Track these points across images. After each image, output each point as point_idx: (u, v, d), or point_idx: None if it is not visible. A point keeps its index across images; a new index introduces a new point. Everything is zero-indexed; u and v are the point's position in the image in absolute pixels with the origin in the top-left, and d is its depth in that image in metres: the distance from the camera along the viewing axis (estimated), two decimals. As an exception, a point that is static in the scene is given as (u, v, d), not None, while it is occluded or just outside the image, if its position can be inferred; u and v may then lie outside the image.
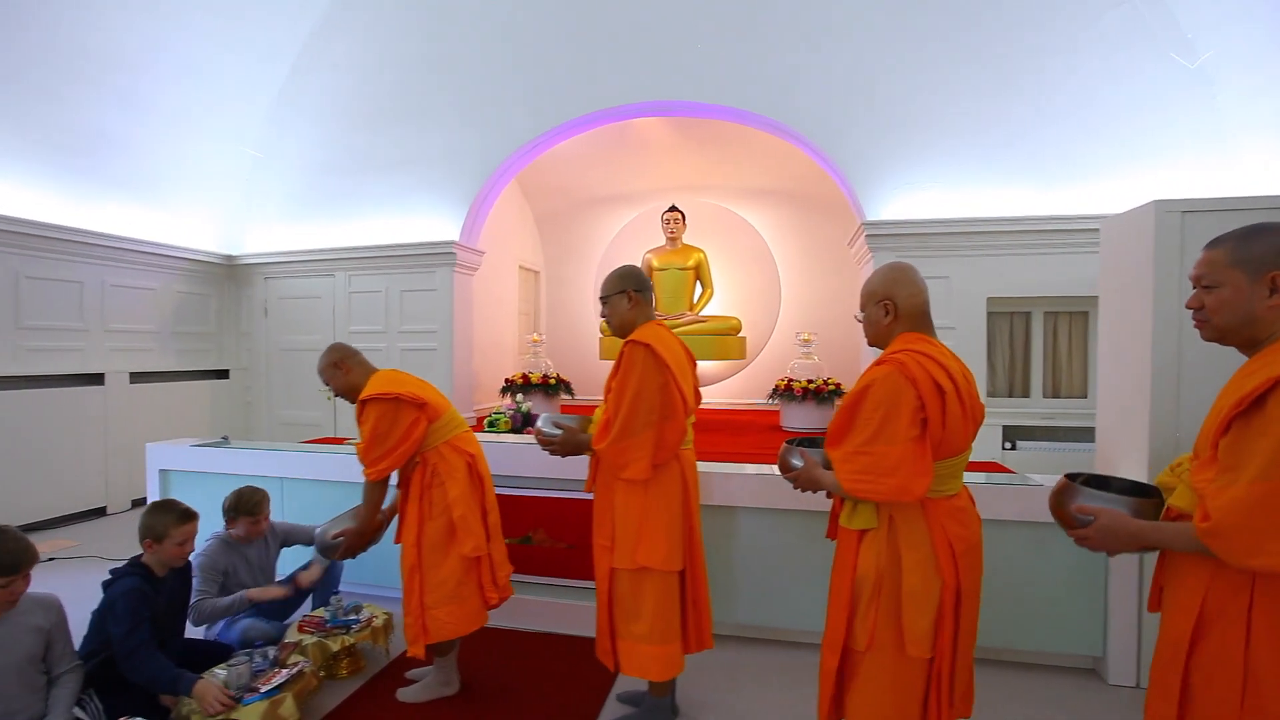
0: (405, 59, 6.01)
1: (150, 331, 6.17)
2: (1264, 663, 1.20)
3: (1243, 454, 1.20)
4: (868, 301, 1.86)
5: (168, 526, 2.37)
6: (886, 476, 1.61)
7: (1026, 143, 5.00)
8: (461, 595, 2.44)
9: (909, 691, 1.66)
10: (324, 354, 2.65)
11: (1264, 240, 1.29)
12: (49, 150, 5.14)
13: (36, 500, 4.99)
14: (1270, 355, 1.25)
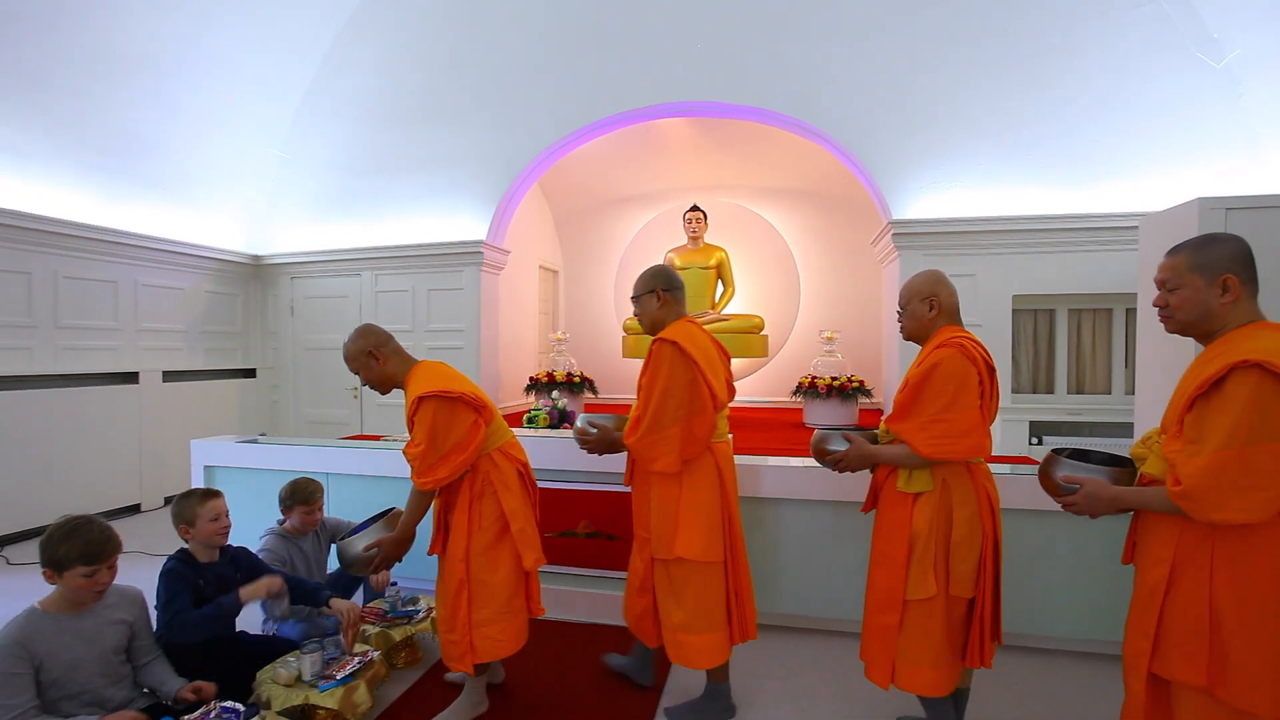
0: (432, 60, 6.07)
1: (180, 331, 6.25)
2: (1224, 601, 1.44)
3: (1206, 428, 1.44)
4: (913, 298, 2.16)
5: (194, 507, 2.43)
6: (962, 438, 1.93)
7: (1053, 142, 5.04)
8: (513, 609, 2.31)
9: (956, 630, 2.00)
10: (354, 338, 2.39)
11: (1217, 248, 1.54)
12: (83, 151, 5.22)
13: (73, 498, 5.05)
14: (1224, 344, 1.50)
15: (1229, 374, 1.41)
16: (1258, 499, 1.37)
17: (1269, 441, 1.37)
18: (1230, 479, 1.39)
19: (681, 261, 7.25)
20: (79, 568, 1.90)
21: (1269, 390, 1.38)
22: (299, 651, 2.35)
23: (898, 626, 2.00)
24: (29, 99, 4.72)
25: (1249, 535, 1.43)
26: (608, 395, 7.78)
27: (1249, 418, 1.38)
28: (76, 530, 1.92)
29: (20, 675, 1.80)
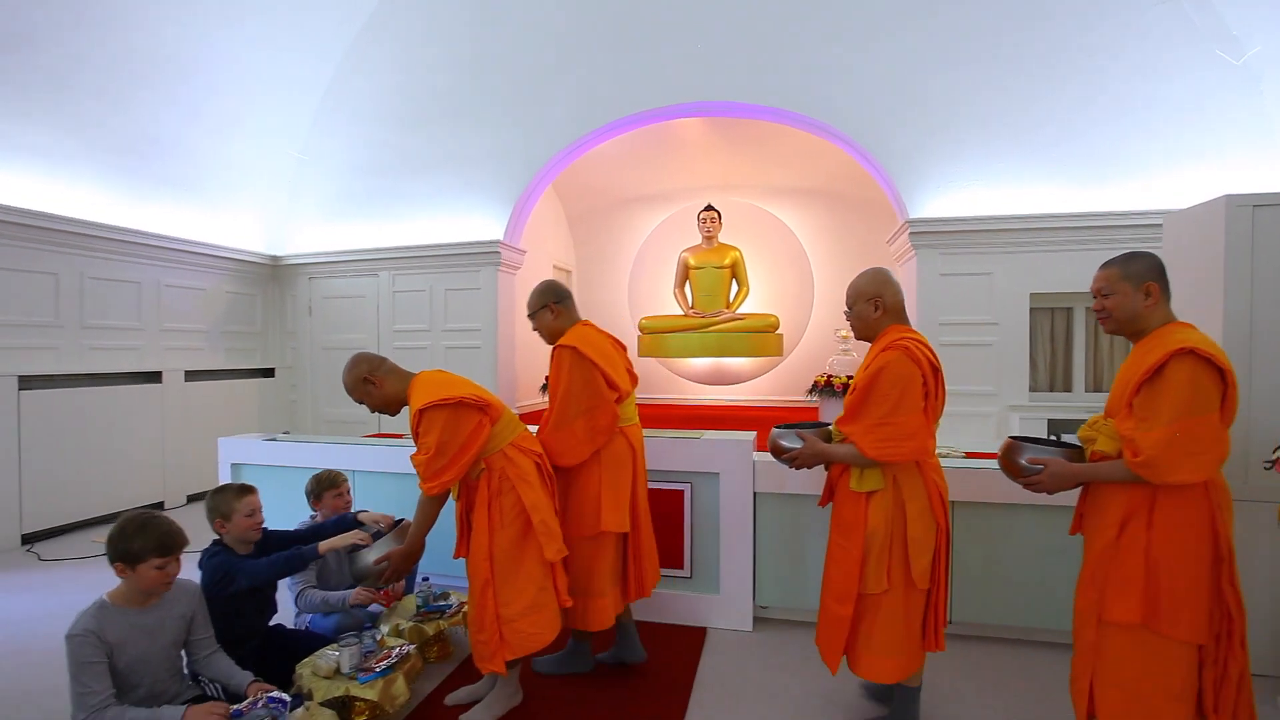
0: (450, 61, 6.11)
1: (201, 331, 6.32)
2: (1159, 551, 1.73)
3: (1154, 407, 1.71)
4: (858, 299, 2.25)
5: (230, 502, 2.47)
6: (907, 440, 2.05)
7: (1071, 140, 5.04)
8: (541, 602, 2.31)
9: (915, 618, 2.13)
10: (348, 369, 2.40)
11: (1140, 262, 1.86)
12: (108, 153, 5.29)
13: (99, 495, 5.12)
14: (1156, 339, 1.80)
15: (1168, 361, 1.69)
16: (1204, 460, 1.67)
17: (1206, 413, 1.68)
18: (1181, 446, 1.67)
19: (696, 261, 7.28)
20: (153, 560, 1.94)
21: (1201, 371, 1.68)
22: (337, 644, 2.39)
23: (850, 618, 2.13)
24: (55, 101, 4.79)
25: (1181, 495, 1.72)
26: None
27: (1189, 395, 1.68)
28: (148, 525, 1.96)
29: (98, 664, 1.84)
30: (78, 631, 1.85)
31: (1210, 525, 1.73)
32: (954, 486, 2.93)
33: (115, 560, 1.95)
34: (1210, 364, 1.69)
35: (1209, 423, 1.68)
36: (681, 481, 3.21)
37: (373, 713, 2.29)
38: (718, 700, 2.54)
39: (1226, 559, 1.73)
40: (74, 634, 1.85)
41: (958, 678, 2.67)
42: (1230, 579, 1.74)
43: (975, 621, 2.99)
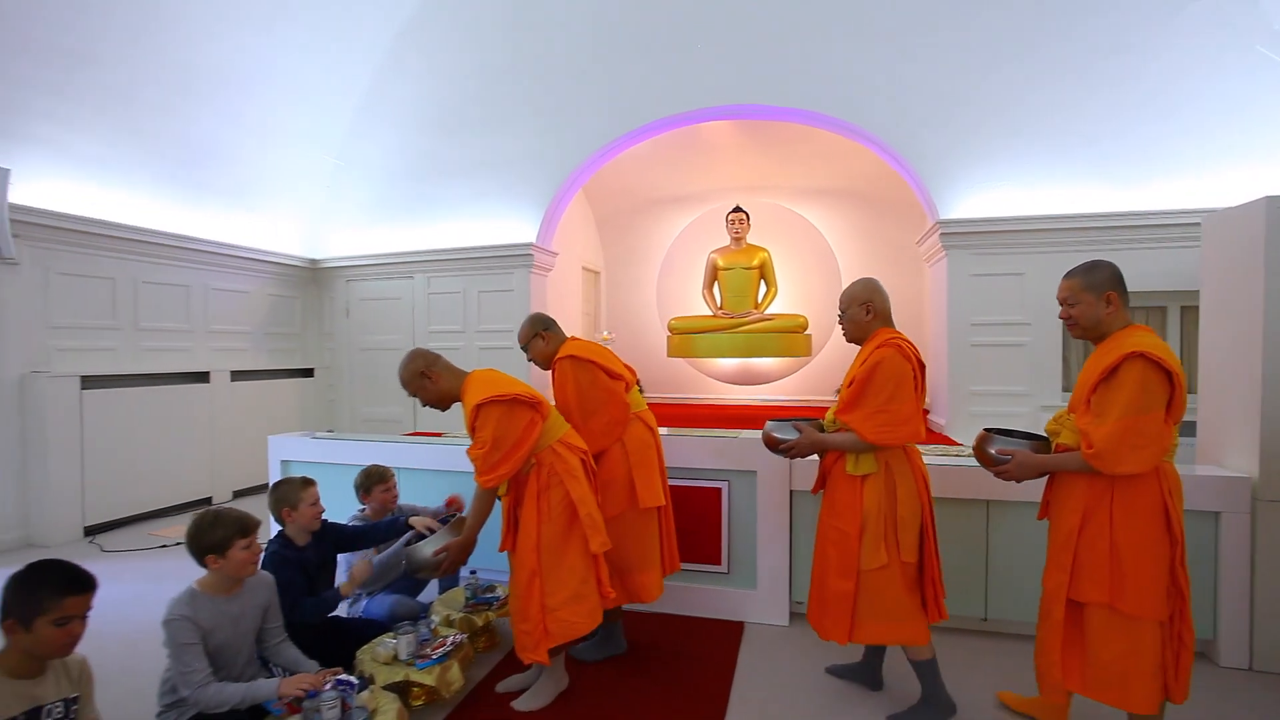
0: (483, 67, 6.24)
1: (246, 332, 6.54)
2: (1120, 535, 1.95)
3: (1107, 404, 1.92)
4: (851, 304, 2.46)
5: (297, 492, 2.60)
6: (903, 425, 2.25)
7: (1107, 140, 5.01)
8: (583, 593, 2.39)
9: (912, 589, 2.32)
10: (405, 364, 2.53)
11: (1100, 272, 2.06)
12: (161, 162, 5.50)
13: (152, 491, 5.35)
14: (1112, 343, 1.99)
15: (1122, 363, 1.89)
16: (1147, 454, 1.87)
17: (1152, 411, 1.87)
18: (1128, 440, 1.87)
19: (725, 262, 7.34)
20: (239, 541, 2.10)
21: (1149, 373, 1.87)
22: (394, 633, 2.51)
23: (853, 593, 2.31)
24: (116, 115, 5.01)
25: (1136, 484, 1.94)
26: (653, 394, 7.91)
27: (1138, 394, 1.87)
28: (221, 515, 2.11)
29: (195, 645, 1.99)
30: (175, 616, 1.99)
31: (1163, 511, 1.93)
32: (984, 487, 2.98)
33: (205, 554, 2.09)
34: (1159, 366, 1.87)
35: (1154, 420, 1.87)
36: (719, 480, 3.28)
37: (430, 697, 2.41)
38: (758, 691, 2.62)
39: (1179, 541, 1.93)
40: (171, 619, 1.99)
41: (994, 675, 2.71)
42: (1182, 560, 1.94)
43: (1010, 619, 3.03)
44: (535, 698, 2.47)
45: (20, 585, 1.67)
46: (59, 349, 4.87)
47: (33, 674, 1.68)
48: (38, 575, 1.69)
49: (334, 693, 2.01)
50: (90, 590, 1.73)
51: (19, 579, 1.68)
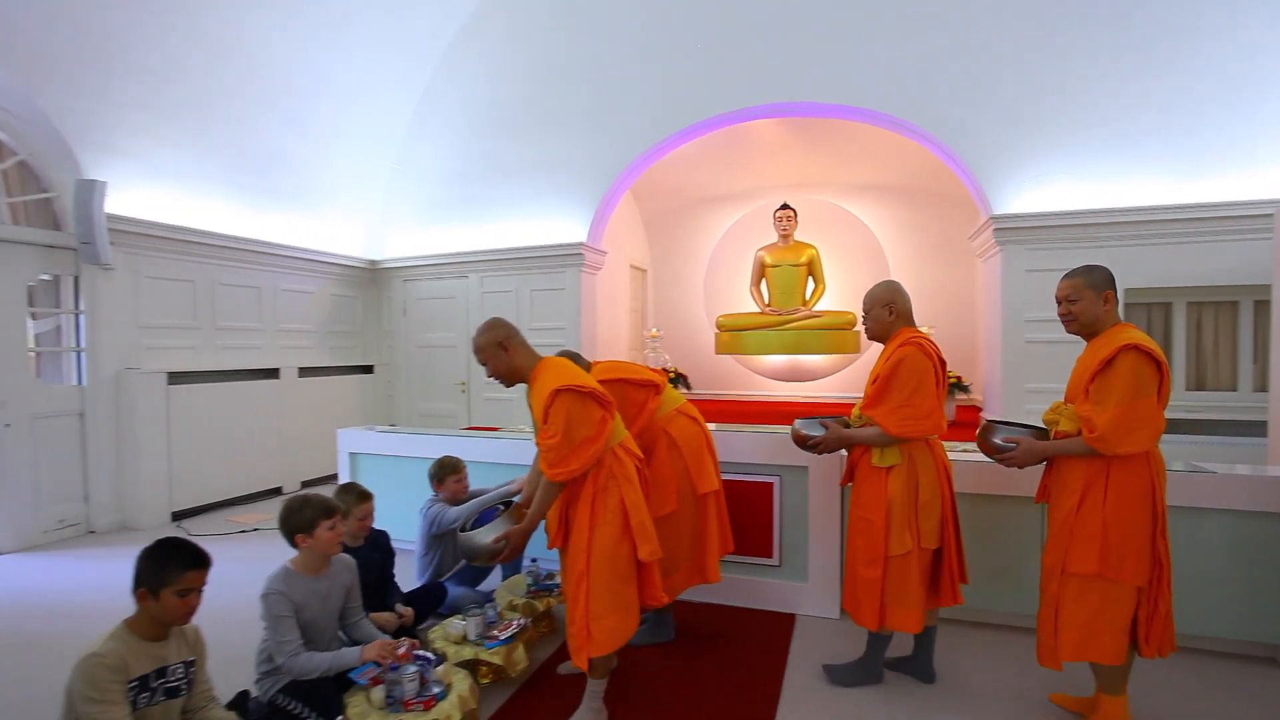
0: (536, 70, 6.42)
1: (311, 330, 6.87)
2: (1111, 513, 2.12)
3: (1106, 392, 2.10)
4: (874, 305, 2.58)
5: (350, 505, 2.71)
6: (924, 419, 2.39)
7: (1169, 129, 4.86)
8: (628, 599, 2.34)
9: (926, 576, 2.47)
10: (484, 330, 2.42)
11: (1098, 273, 2.25)
12: (235, 171, 5.84)
13: (228, 480, 5.70)
14: (1106, 338, 2.18)
15: (1117, 355, 2.08)
16: (1145, 434, 2.07)
17: (1146, 397, 2.07)
18: (1127, 424, 2.06)
19: (772, 259, 7.36)
20: (324, 522, 2.29)
21: (1142, 363, 2.07)
22: (463, 615, 2.67)
23: (881, 579, 2.44)
24: (194, 128, 5.34)
25: (1130, 466, 2.12)
26: (701, 390, 7.99)
27: (1133, 382, 2.06)
28: (308, 499, 2.31)
29: (289, 617, 2.19)
30: (271, 591, 2.19)
31: (1150, 489, 2.13)
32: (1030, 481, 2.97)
33: (295, 534, 2.29)
34: (1150, 357, 2.07)
35: (1149, 404, 2.07)
36: (771, 474, 3.36)
37: (496, 676, 2.56)
38: (810, 681, 2.69)
39: (1161, 516, 2.14)
40: (269, 593, 2.19)
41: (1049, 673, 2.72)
42: (1163, 533, 2.14)
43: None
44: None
45: (150, 558, 1.88)
46: (148, 347, 5.23)
47: (159, 638, 1.89)
48: (165, 551, 1.89)
49: (414, 667, 2.17)
50: (207, 567, 1.93)
51: (149, 553, 1.89)
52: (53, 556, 4.39)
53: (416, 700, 2.11)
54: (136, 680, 1.81)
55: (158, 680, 1.87)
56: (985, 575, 3.03)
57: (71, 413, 4.85)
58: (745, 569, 3.43)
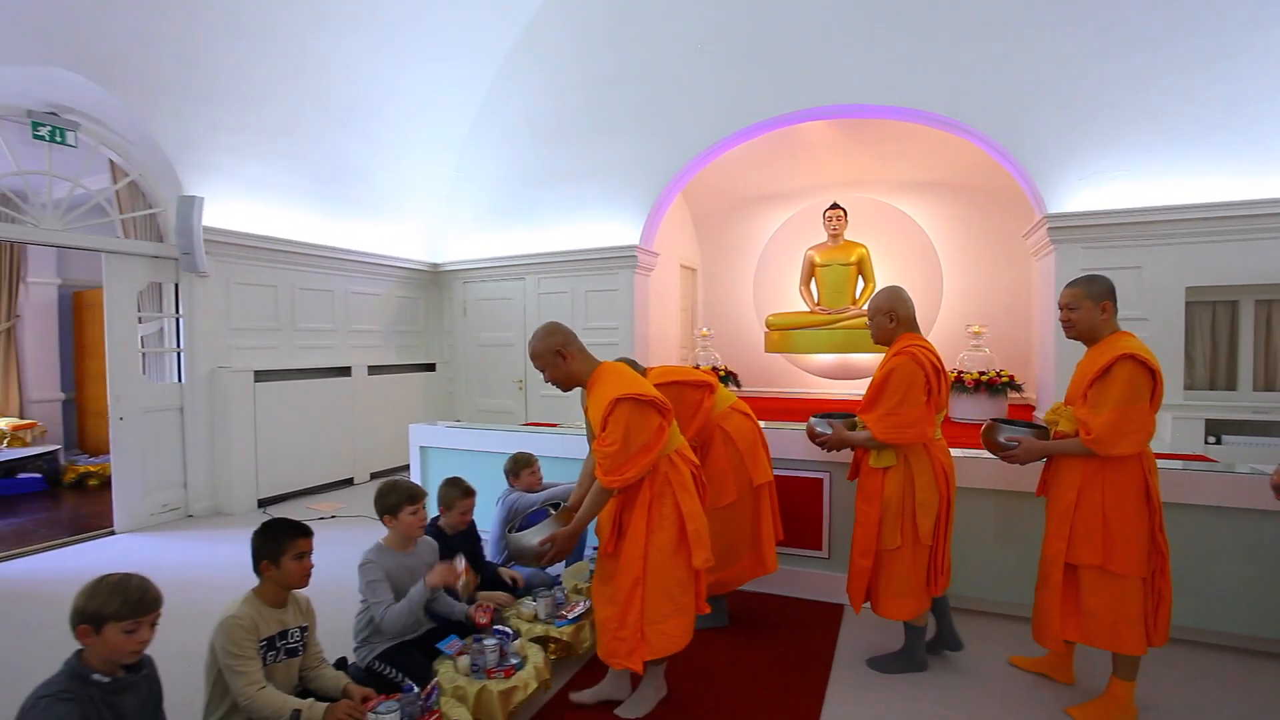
0: (590, 79, 6.64)
1: (378, 331, 7.28)
2: (1110, 508, 2.31)
3: (1103, 398, 2.28)
4: (876, 313, 2.77)
5: (454, 499, 2.98)
6: (909, 428, 2.56)
7: (1233, 125, 4.75)
8: (684, 605, 2.37)
9: (921, 571, 2.66)
10: (543, 336, 2.44)
11: (1097, 284, 2.43)
12: (313, 182, 6.25)
13: (306, 471, 6.12)
14: (1105, 345, 2.36)
15: (1115, 363, 2.26)
16: (1136, 438, 2.25)
17: (1139, 403, 2.24)
18: (1121, 427, 2.24)
19: (822, 259, 7.42)
20: (407, 507, 2.58)
21: (1137, 371, 2.24)
22: (534, 596, 2.92)
23: (870, 569, 2.70)
24: (277, 144, 5.76)
25: (1123, 465, 2.30)
26: (751, 389, 8.11)
27: (1128, 389, 2.24)
28: (396, 485, 2.61)
29: (382, 582, 2.48)
30: (367, 560, 2.51)
31: (1144, 485, 2.30)
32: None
33: (383, 514, 2.57)
34: (1145, 366, 2.25)
35: (1142, 410, 2.25)
36: (821, 471, 3.50)
37: (564, 652, 2.78)
38: (857, 667, 2.84)
39: (1157, 510, 2.31)
40: (365, 563, 2.51)
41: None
42: (1160, 526, 2.32)
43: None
44: (637, 706, 2.49)
45: (264, 535, 2.18)
46: (237, 348, 5.68)
47: (280, 604, 2.18)
48: (276, 526, 2.21)
49: (495, 640, 2.41)
50: (311, 534, 2.24)
51: (262, 532, 2.20)
52: (158, 537, 4.85)
53: (498, 669, 2.35)
54: (265, 640, 2.11)
55: (280, 641, 2.16)
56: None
57: (172, 408, 5.32)
58: (796, 560, 3.58)
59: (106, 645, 1.69)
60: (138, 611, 1.72)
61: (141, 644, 1.74)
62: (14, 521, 5.35)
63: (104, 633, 1.68)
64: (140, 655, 1.78)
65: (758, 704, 2.57)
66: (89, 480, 6.54)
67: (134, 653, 1.74)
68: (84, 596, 1.72)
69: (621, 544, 2.39)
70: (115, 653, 1.70)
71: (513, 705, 2.30)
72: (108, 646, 1.69)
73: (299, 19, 5.33)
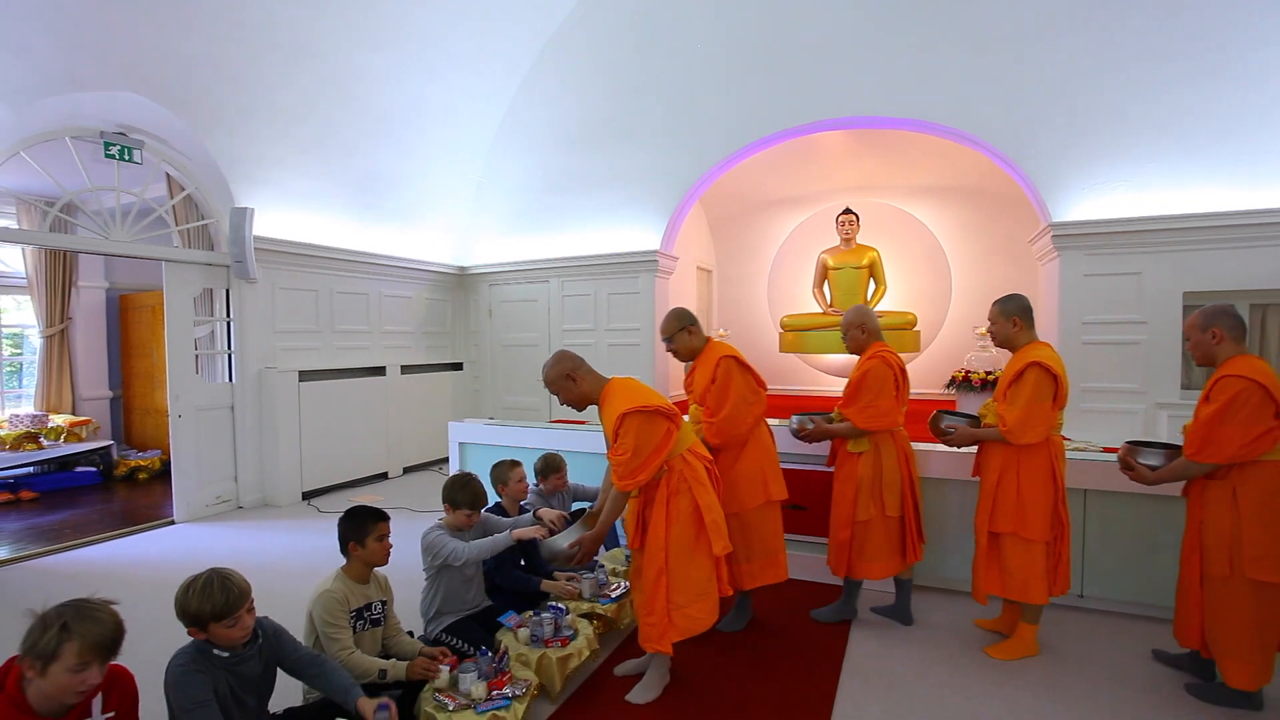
0: (614, 88, 6.92)
1: (409, 332, 7.61)
2: (1024, 484, 2.85)
3: (1015, 398, 2.84)
4: (850, 328, 3.35)
5: (507, 471, 3.35)
6: (885, 416, 3.14)
7: (1231, 137, 4.98)
8: (707, 591, 2.59)
9: (894, 538, 3.22)
10: (553, 364, 2.70)
11: (1011, 303, 2.99)
12: (349, 191, 6.58)
13: (346, 465, 6.47)
14: (1022, 353, 2.92)
15: (1025, 369, 2.82)
16: (1040, 430, 2.80)
17: (1043, 402, 2.79)
18: (1027, 421, 2.80)
19: (835, 262, 7.69)
20: (464, 510, 2.86)
21: (1042, 376, 2.80)
22: (579, 575, 3.23)
23: (849, 540, 3.21)
24: (316, 156, 6.09)
25: (1034, 451, 2.85)
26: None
27: (1034, 390, 2.80)
28: (469, 482, 2.88)
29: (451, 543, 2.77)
30: (433, 531, 2.81)
31: (1051, 469, 2.85)
32: (1086, 476, 3.35)
33: (445, 502, 2.88)
34: (1049, 372, 2.79)
35: (1045, 407, 2.80)
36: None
37: (606, 627, 3.10)
38: (870, 644, 3.14)
39: (1061, 488, 2.87)
40: (430, 532, 2.81)
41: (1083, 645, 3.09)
42: (1063, 500, 2.88)
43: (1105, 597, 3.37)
44: (645, 692, 2.67)
45: (350, 521, 2.50)
46: (283, 349, 6.03)
47: (364, 580, 2.50)
48: (359, 512, 2.53)
49: (550, 613, 2.73)
50: (389, 518, 2.56)
51: (347, 518, 2.51)
52: (214, 526, 5.21)
53: (554, 639, 2.67)
54: (354, 612, 2.43)
55: (366, 613, 2.48)
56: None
57: (224, 406, 5.67)
58: (812, 548, 3.88)
59: (217, 638, 1.95)
60: (228, 610, 1.91)
61: (246, 629, 1.98)
62: (77, 512, 5.73)
63: (210, 630, 1.92)
64: (249, 634, 2.02)
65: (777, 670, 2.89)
66: (139, 474, 6.92)
67: (242, 638, 1.98)
68: (179, 604, 1.92)
69: (645, 538, 2.62)
70: (227, 641, 1.96)
71: (569, 670, 2.62)
72: (219, 638, 1.95)
73: (337, 35, 5.64)
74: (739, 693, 2.74)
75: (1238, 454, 2.44)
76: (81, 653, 1.59)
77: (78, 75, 4.37)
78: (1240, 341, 2.59)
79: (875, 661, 2.98)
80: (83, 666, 1.60)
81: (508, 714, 2.22)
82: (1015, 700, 2.65)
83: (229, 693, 1.98)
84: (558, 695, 2.62)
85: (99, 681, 1.66)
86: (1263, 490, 2.45)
